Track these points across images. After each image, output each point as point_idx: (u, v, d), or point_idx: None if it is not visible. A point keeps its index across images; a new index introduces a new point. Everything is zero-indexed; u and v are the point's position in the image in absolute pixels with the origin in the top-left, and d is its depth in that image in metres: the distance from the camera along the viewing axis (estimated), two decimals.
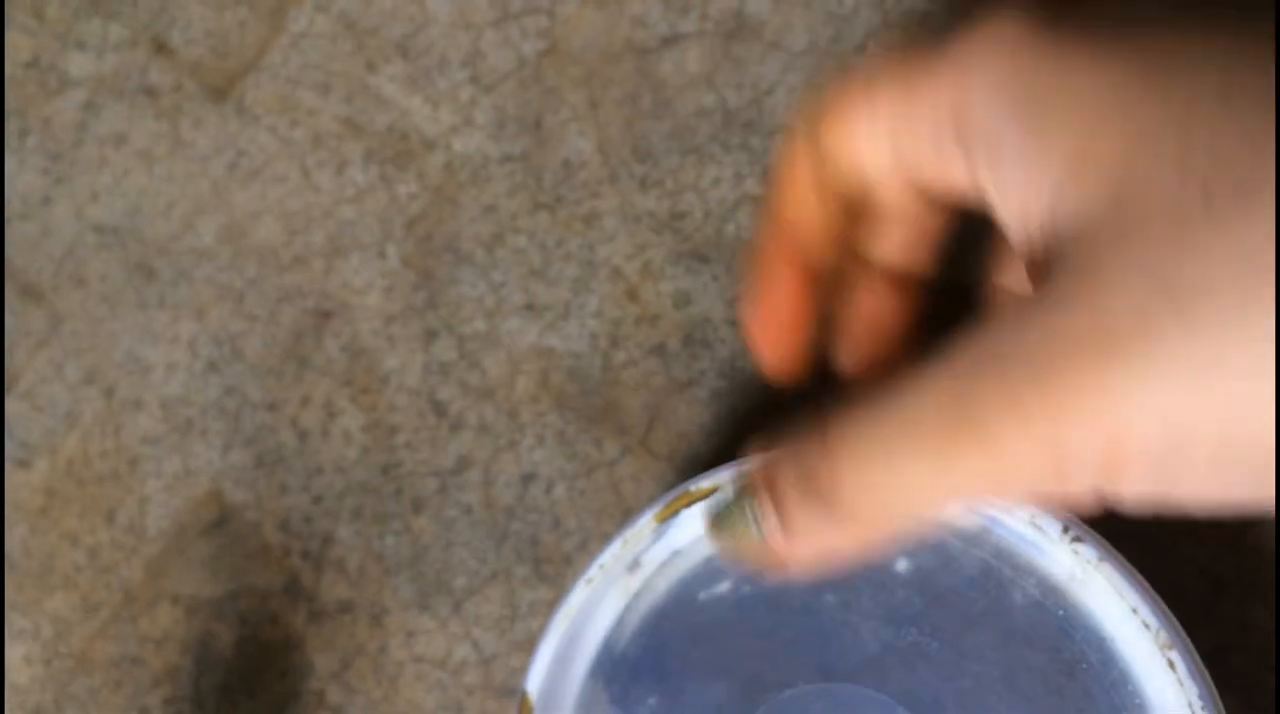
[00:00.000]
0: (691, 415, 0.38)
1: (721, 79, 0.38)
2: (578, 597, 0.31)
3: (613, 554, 0.31)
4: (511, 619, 0.37)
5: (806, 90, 0.37)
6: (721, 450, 0.38)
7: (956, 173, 0.25)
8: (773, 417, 0.37)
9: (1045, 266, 0.23)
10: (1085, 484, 0.22)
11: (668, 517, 0.30)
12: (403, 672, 0.38)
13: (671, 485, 0.37)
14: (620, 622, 0.32)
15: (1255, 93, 0.21)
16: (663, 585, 0.32)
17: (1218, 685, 0.28)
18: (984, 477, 0.22)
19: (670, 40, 0.38)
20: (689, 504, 0.30)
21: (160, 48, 0.40)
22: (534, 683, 0.31)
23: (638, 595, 0.32)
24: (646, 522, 0.30)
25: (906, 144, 0.26)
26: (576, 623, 0.31)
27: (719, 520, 0.26)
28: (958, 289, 0.32)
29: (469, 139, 0.39)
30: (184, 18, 0.40)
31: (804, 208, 0.29)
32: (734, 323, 0.38)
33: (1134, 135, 0.22)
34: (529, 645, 0.37)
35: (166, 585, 0.39)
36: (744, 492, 0.26)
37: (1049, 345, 0.21)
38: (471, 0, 0.39)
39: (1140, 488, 0.22)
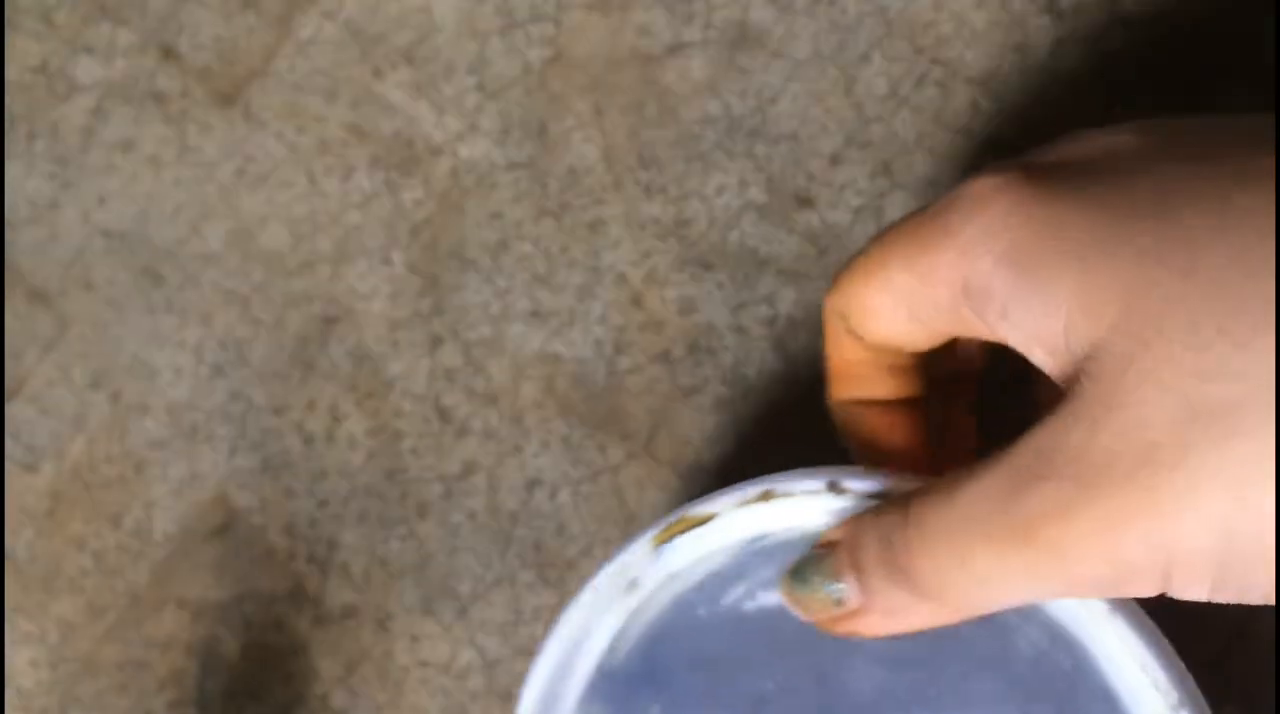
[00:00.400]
0: (695, 422, 0.38)
1: (726, 87, 0.38)
2: (573, 616, 0.31)
3: (608, 575, 0.30)
4: (515, 624, 0.38)
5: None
6: (724, 457, 0.38)
7: (973, 328, 0.27)
8: (776, 425, 0.38)
9: (1074, 380, 0.24)
10: (1146, 589, 0.24)
11: (665, 540, 0.30)
12: (407, 676, 0.38)
13: (676, 492, 0.38)
14: (617, 641, 0.32)
15: (1251, 228, 0.23)
16: (660, 605, 0.32)
17: (1218, 695, 0.28)
18: (1047, 579, 0.24)
19: (675, 49, 0.39)
20: (685, 530, 0.30)
21: (168, 54, 0.40)
22: (528, 705, 0.31)
23: (635, 614, 0.32)
24: (644, 544, 0.30)
25: (923, 314, 0.28)
26: (573, 642, 0.31)
27: (796, 581, 0.28)
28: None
29: (474, 145, 0.39)
30: (192, 24, 0.40)
31: (850, 354, 0.31)
32: (738, 330, 0.38)
33: (1132, 258, 0.24)
34: (533, 651, 0.37)
35: (172, 589, 0.39)
36: (824, 557, 0.27)
37: (1094, 462, 0.23)
38: (477, 8, 0.39)
39: (1200, 589, 0.23)
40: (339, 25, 0.40)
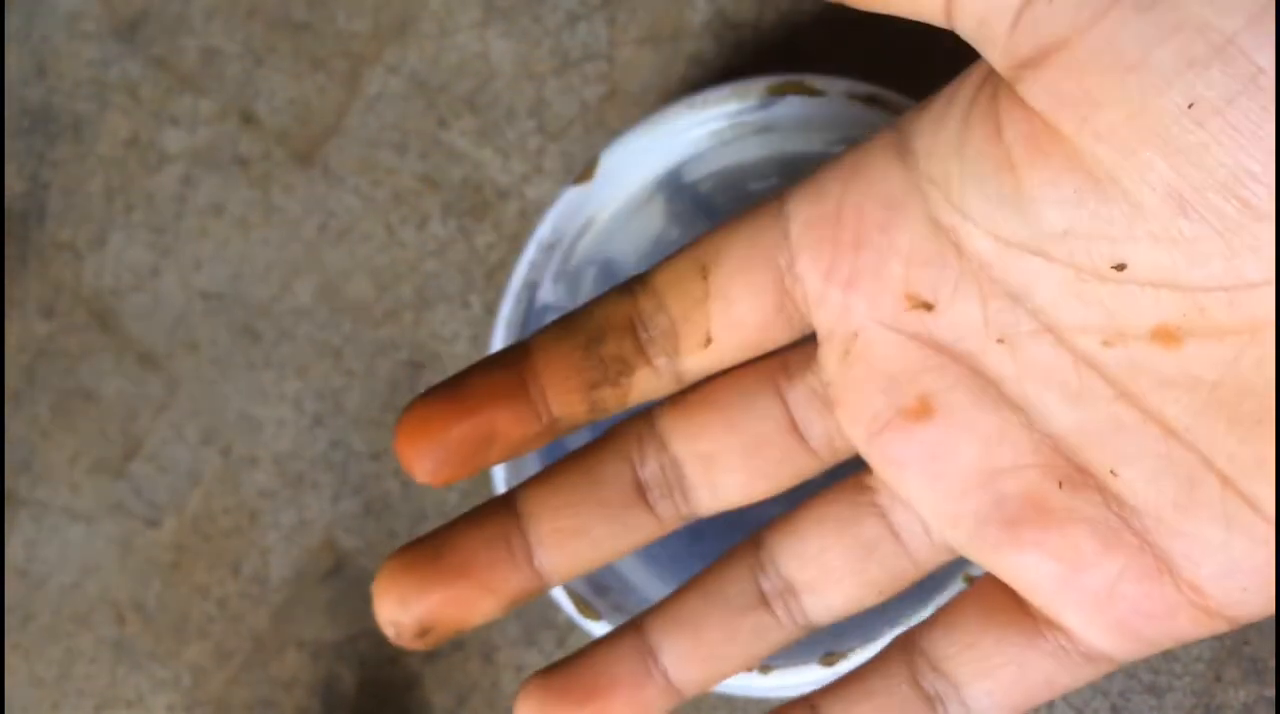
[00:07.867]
0: None
1: None
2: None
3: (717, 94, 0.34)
4: None
5: None
6: None
7: None
8: None
9: None
10: None
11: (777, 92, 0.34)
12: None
13: None
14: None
15: None
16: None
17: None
18: None
19: (726, 78, 0.39)
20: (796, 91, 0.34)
21: (248, 119, 0.42)
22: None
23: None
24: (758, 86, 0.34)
25: None
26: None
27: None
28: None
29: (540, 186, 0.40)
30: (267, 88, 0.42)
31: None
32: None
33: None
34: None
35: (292, 631, 0.41)
36: None
37: None
38: (532, 51, 0.40)
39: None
40: (403, 79, 0.41)
